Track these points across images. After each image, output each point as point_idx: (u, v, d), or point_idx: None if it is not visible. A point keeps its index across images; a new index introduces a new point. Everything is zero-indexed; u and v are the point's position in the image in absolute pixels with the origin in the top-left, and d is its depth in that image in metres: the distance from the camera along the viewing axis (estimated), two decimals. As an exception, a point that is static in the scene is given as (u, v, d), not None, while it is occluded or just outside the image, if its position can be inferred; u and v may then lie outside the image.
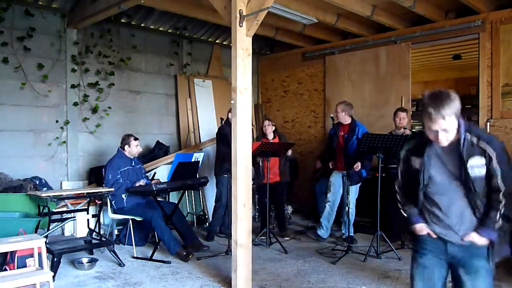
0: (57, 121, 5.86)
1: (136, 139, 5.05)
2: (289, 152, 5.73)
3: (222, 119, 5.58)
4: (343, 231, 5.35)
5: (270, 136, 5.69)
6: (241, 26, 3.54)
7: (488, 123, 5.65)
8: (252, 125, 5.96)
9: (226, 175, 5.24)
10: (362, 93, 6.84)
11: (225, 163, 5.25)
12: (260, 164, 5.59)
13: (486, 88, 5.67)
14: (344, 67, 7.07)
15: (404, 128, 5.31)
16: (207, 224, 5.68)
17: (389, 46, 6.51)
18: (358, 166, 5.12)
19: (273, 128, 5.76)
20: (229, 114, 5.60)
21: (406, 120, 5.26)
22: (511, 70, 5.49)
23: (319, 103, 7.44)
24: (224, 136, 5.53)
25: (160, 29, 6.96)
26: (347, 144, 5.28)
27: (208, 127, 7.17)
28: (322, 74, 7.42)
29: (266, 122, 5.75)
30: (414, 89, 7.18)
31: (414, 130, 5.44)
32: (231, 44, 3.64)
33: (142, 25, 6.70)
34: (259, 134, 6.38)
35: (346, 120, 5.41)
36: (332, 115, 5.33)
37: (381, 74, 6.63)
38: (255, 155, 5.07)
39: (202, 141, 6.98)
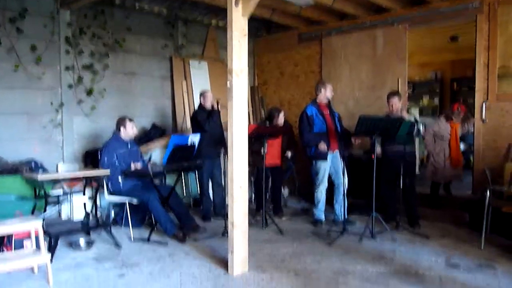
0: (51, 104, 5.81)
1: (131, 120, 5.02)
2: (289, 154, 5.89)
3: (218, 101, 5.56)
4: (337, 213, 5.35)
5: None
6: (237, 7, 3.50)
7: (484, 105, 5.66)
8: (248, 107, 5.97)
9: (205, 159, 5.30)
10: (359, 75, 6.82)
11: (202, 148, 5.28)
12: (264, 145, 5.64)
13: (482, 70, 5.67)
14: (340, 49, 7.03)
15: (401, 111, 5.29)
16: (202, 207, 5.76)
17: (386, 27, 6.47)
18: (357, 140, 5.11)
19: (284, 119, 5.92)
20: (201, 98, 5.65)
21: (399, 105, 5.19)
22: (508, 52, 5.48)
23: (315, 85, 7.39)
24: (196, 122, 5.55)
25: (155, 10, 6.86)
26: (336, 122, 5.26)
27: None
28: (318, 56, 7.37)
29: (282, 114, 5.85)
30: (410, 71, 7.18)
31: (411, 114, 5.42)
32: (227, 26, 3.60)
33: (136, 6, 6.60)
34: (265, 119, 6.38)
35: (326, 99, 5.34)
36: (328, 98, 5.29)
37: (377, 56, 6.60)
38: (251, 138, 5.07)
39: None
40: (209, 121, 5.46)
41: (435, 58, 10.56)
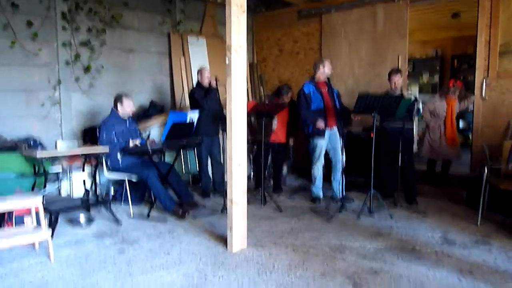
0: (49, 81, 5.77)
1: (128, 97, 4.98)
2: (291, 142, 5.97)
3: (216, 78, 5.52)
4: (335, 190, 5.37)
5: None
6: (235, -18, 3.44)
7: (484, 83, 5.63)
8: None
9: (203, 137, 5.29)
10: (359, 52, 6.76)
11: (200, 125, 5.27)
12: (274, 122, 5.69)
13: (484, 47, 5.62)
14: (340, 26, 6.95)
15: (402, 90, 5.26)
16: (201, 184, 5.79)
17: (387, 4, 6.38)
18: (356, 117, 5.10)
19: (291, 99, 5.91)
20: (198, 75, 5.60)
21: (400, 82, 5.17)
22: (510, 29, 5.42)
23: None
24: (194, 100, 5.52)
25: (152, -16, 6.75)
26: (334, 99, 5.23)
27: (202, 86, 7.10)
28: (318, 33, 7.29)
29: (290, 95, 5.90)
30: (411, 48, 7.11)
31: (410, 91, 5.42)
32: (225, 2, 3.54)
33: (133, -20, 6.49)
34: (273, 93, 6.40)
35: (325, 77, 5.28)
36: (329, 74, 5.24)
37: (378, 33, 6.53)
38: (250, 115, 5.08)
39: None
40: (206, 98, 5.43)
41: (436, 35, 10.44)
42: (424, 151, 6.16)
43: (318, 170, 5.33)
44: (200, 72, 5.60)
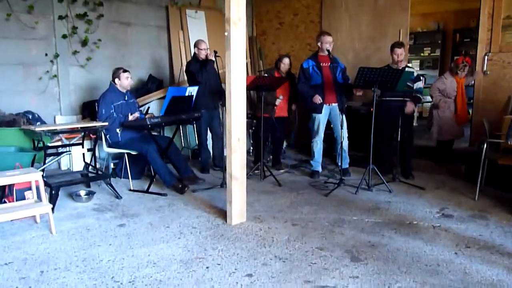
0: (46, 54, 5.70)
1: (125, 71, 4.93)
2: (294, 107, 5.84)
3: (216, 52, 5.44)
4: (339, 164, 5.39)
5: (283, 74, 5.68)
6: (234, -48, 3.36)
7: (486, 57, 5.57)
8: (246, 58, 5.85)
9: (202, 110, 5.25)
10: (359, 25, 6.66)
11: (198, 99, 5.23)
12: (280, 97, 5.63)
13: (486, 20, 5.53)
14: (341, -2, 6.82)
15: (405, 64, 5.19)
16: (200, 158, 5.80)
17: (389, -25, 6.25)
18: (358, 92, 5.06)
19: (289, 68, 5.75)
20: (195, 48, 5.49)
21: (403, 55, 5.10)
22: (513, 2, 5.33)
23: (315, 35, 7.19)
24: (189, 73, 5.46)
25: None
26: (335, 74, 5.18)
27: (201, 60, 7.03)
28: (318, 6, 7.16)
29: (286, 60, 5.70)
30: (412, 21, 7.00)
31: (410, 65, 5.33)
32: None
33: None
34: (271, 67, 6.31)
35: (326, 50, 5.17)
36: (328, 48, 5.13)
37: (379, 6, 6.41)
38: (249, 89, 5.03)
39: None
40: (202, 72, 5.34)
41: (438, 8, 10.26)
42: (434, 133, 5.87)
43: (317, 144, 5.34)
44: (196, 44, 5.51)
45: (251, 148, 6.67)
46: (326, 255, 3.11)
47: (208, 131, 5.77)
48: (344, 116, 5.07)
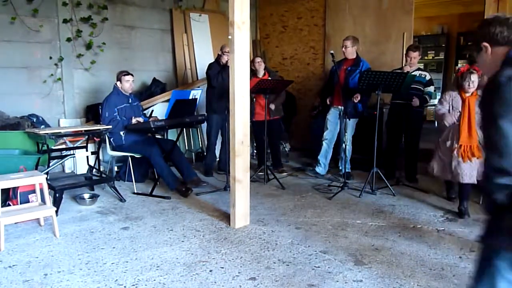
0: (50, 58, 5.72)
1: (127, 74, 4.92)
2: (272, 107, 5.60)
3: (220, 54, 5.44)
4: (340, 168, 5.41)
5: (261, 73, 5.59)
6: (238, -44, 3.37)
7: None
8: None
9: (214, 114, 5.24)
10: (363, 29, 6.66)
11: (212, 102, 5.23)
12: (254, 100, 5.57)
13: (490, 24, 5.50)
14: (345, 2, 6.82)
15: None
16: (205, 161, 5.79)
17: (393, -22, 6.25)
18: (357, 96, 5.06)
19: (264, 65, 5.66)
20: (220, 52, 5.42)
21: (417, 59, 5.06)
22: (518, 5, 5.31)
23: (318, 39, 7.25)
24: (207, 75, 5.46)
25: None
26: (349, 77, 5.21)
27: (205, 63, 6.96)
28: (322, 9, 7.16)
29: (258, 59, 5.64)
30: (416, 24, 6.99)
31: (421, 67, 5.29)
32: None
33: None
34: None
35: (353, 54, 5.28)
36: (332, 51, 5.12)
37: (383, 9, 6.41)
38: (252, 93, 5.02)
39: (199, 78, 6.87)
40: (217, 77, 5.32)
41: (442, 11, 10.23)
42: (435, 167, 4.30)
43: (322, 146, 5.39)
44: (222, 47, 5.43)
45: (254, 151, 6.65)
46: (329, 258, 3.10)
47: (219, 136, 5.74)
48: (348, 120, 5.06)
